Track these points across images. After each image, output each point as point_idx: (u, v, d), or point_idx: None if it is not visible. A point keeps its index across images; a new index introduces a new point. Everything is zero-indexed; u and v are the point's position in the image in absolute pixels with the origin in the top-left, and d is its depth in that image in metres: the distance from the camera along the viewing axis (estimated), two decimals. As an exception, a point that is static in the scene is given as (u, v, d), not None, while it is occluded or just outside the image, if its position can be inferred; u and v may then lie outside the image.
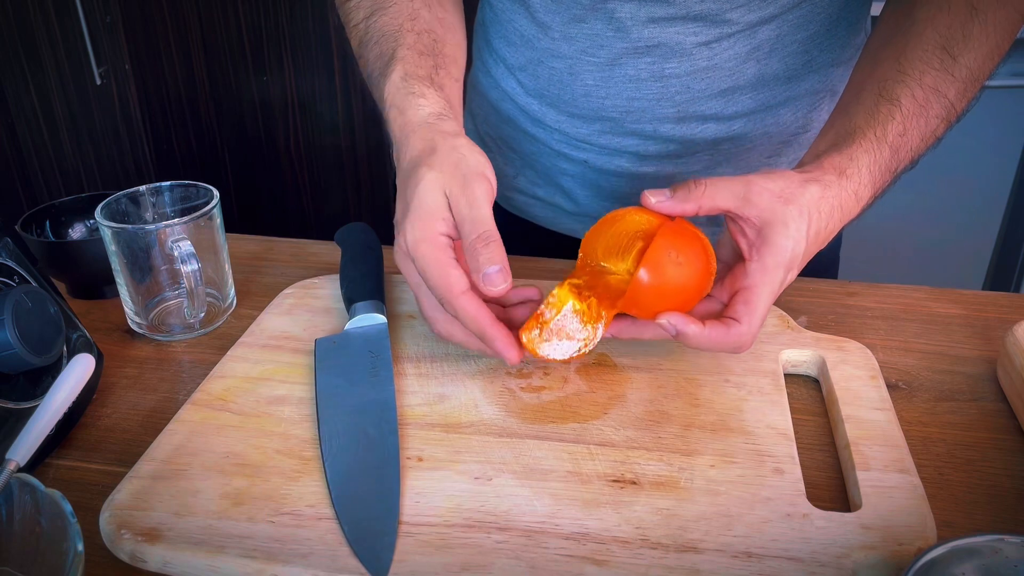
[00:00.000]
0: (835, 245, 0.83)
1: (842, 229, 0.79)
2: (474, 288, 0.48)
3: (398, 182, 0.52)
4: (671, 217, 0.52)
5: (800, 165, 0.53)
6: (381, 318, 0.57)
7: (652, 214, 0.53)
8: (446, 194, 0.49)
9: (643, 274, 0.49)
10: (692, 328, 0.49)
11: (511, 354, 0.49)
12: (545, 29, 0.68)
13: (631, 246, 0.52)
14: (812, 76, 0.68)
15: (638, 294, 0.50)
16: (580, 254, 0.56)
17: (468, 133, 0.85)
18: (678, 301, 0.50)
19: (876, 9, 0.63)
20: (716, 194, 0.50)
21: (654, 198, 0.51)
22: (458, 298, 0.48)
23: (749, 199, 0.50)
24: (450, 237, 0.49)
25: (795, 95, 0.69)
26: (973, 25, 0.53)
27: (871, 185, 0.52)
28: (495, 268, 0.47)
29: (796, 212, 0.49)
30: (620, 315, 0.53)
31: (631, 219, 0.53)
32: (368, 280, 0.61)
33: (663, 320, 0.49)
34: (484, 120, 0.81)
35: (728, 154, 0.71)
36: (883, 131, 0.52)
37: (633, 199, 0.74)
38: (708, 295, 0.53)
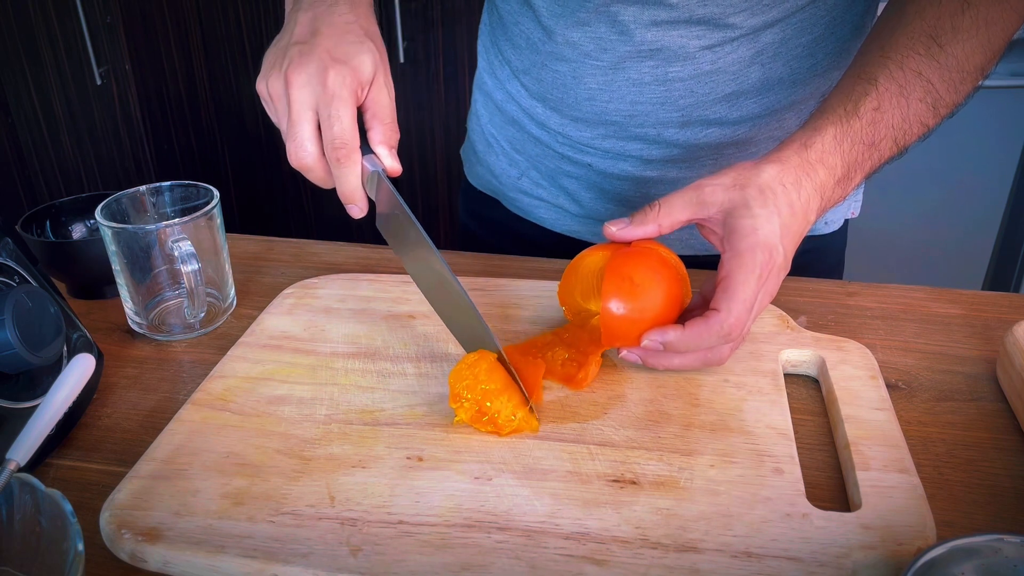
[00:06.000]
0: (840, 246, 0.83)
1: (846, 225, 0.78)
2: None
3: (316, 20, 0.54)
4: (629, 243, 0.53)
5: None
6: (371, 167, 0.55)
7: (607, 247, 0.54)
8: (375, 74, 0.52)
9: (605, 308, 0.51)
10: (671, 333, 0.50)
11: (354, 212, 0.54)
12: (549, 33, 0.68)
13: (598, 284, 0.54)
14: (816, 80, 0.68)
15: (610, 327, 0.51)
16: (563, 307, 0.57)
17: (473, 133, 0.86)
18: (652, 317, 0.51)
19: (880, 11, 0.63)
20: (671, 210, 0.51)
21: (614, 227, 0.53)
22: (355, 151, 0.51)
23: (703, 201, 0.50)
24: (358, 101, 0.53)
25: (800, 99, 0.69)
26: (963, 18, 0.54)
27: (839, 154, 0.52)
28: (394, 151, 0.53)
29: (755, 192, 0.49)
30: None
31: (589, 260, 0.55)
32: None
33: (645, 341, 0.50)
34: (489, 120, 0.81)
35: (732, 159, 0.71)
36: (854, 106, 0.53)
37: (637, 202, 0.74)
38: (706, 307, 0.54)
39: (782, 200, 0.50)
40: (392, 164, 0.53)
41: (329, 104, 0.50)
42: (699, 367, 0.53)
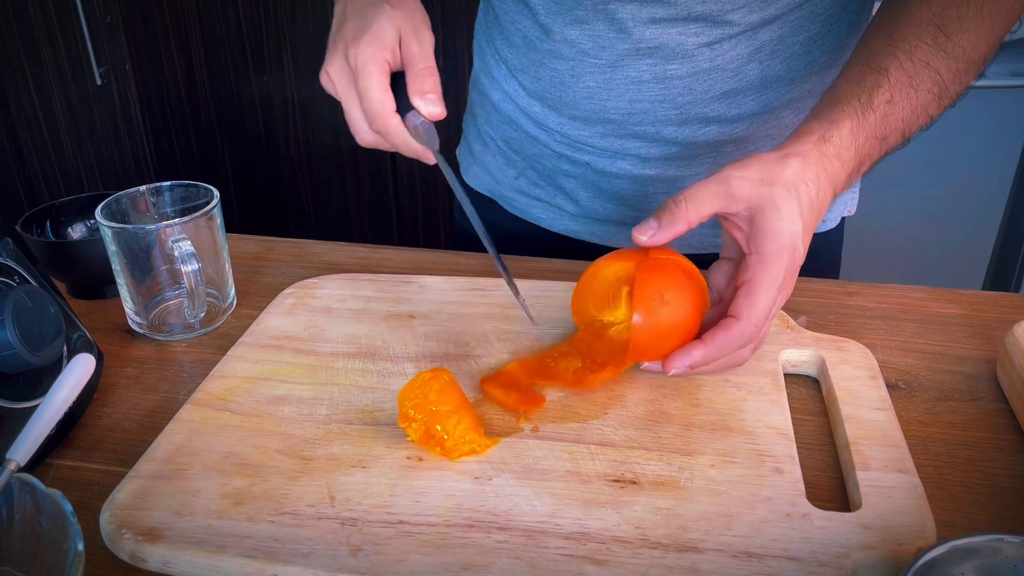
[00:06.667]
0: (836, 245, 0.83)
1: (843, 224, 0.78)
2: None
3: (345, 7, 0.57)
4: (646, 252, 0.52)
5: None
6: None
7: (626, 257, 0.53)
8: (399, 31, 0.54)
9: (636, 326, 0.50)
10: (696, 353, 0.49)
11: (426, 157, 0.56)
12: (546, 31, 0.68)
13: (618, 293, 0.53)
14: (814, 77, 0.68)
15: (640, 345, 0.51)
16: (575, 319, 0.57)
17: (469, 132, 0.85)
18: (681, 334, 0.51)
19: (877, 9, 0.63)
20: (699, 204, 0.50)
21: (644, 236, 0.51)
22: (390, 117, 0.54)
23: (732, 195, 0.49)
24: (388, 65, 0.54)
25: (797, 96, 0.69)
26: (968, 8, 0.54)
27: (854, 148, 0.52)
28: (434, 96, 0.54)
29: (783, 191, 0.49)
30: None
31: (609, 269, 0.54)
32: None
33: (673, 370, 0.50)
34: (486, 120, 0.81)
35: (731, 156, 0.71)
36: (868, 98, 0.52)
37: (635, 201, 0.74)
38: (717, 303, 0.54)
39: (804, 199, 0.49)
40: (428, 109, 0.54)
41: (357, 81, 0.53)
42: (721, 370, 0.53)
